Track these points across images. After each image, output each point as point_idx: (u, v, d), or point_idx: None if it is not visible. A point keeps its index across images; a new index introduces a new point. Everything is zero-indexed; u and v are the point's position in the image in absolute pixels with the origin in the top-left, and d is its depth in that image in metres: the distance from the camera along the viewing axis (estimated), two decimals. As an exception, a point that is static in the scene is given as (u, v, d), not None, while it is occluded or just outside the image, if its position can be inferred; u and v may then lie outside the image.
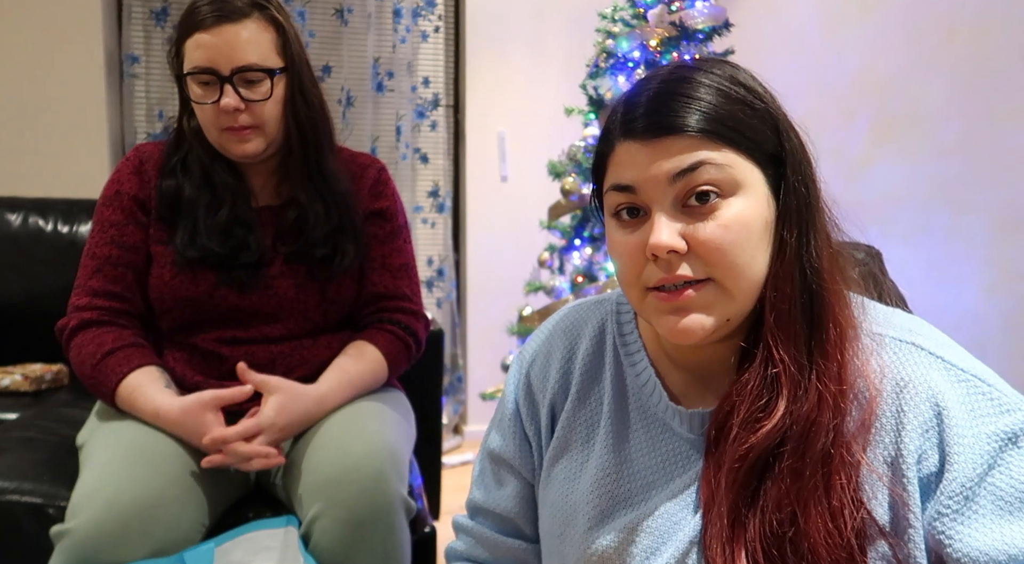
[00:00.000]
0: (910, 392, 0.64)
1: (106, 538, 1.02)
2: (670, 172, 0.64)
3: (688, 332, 0.65)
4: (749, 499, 0.65)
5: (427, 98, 3.18)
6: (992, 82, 1.95)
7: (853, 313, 0.67)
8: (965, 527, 0.60)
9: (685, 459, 0.73)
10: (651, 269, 0.66)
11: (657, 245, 0.63)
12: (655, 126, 0.64)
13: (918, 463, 0.62)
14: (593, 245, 2.40)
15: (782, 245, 0.66)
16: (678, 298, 0.65)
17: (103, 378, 1.19)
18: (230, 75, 1.18)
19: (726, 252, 0.64)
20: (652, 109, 0.65)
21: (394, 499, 1.11)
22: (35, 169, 2.72)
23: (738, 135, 0.65)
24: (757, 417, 0.65)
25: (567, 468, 0.78)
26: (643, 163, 0.65)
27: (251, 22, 1.19)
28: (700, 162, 0.63)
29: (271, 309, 1.27)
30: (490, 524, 0.86)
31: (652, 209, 0.65)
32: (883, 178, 2.25)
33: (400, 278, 1.36)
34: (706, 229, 0.64)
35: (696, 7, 2.19)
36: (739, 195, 0.64)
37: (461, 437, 3.22)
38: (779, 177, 0.67)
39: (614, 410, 0.77)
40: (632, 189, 0.66)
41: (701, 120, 0.64)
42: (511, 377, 0.86)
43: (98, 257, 1.26)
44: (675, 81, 0.66)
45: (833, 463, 0.62)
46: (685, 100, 0.64)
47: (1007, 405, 0.63)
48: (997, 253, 1.94)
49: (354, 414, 1.22)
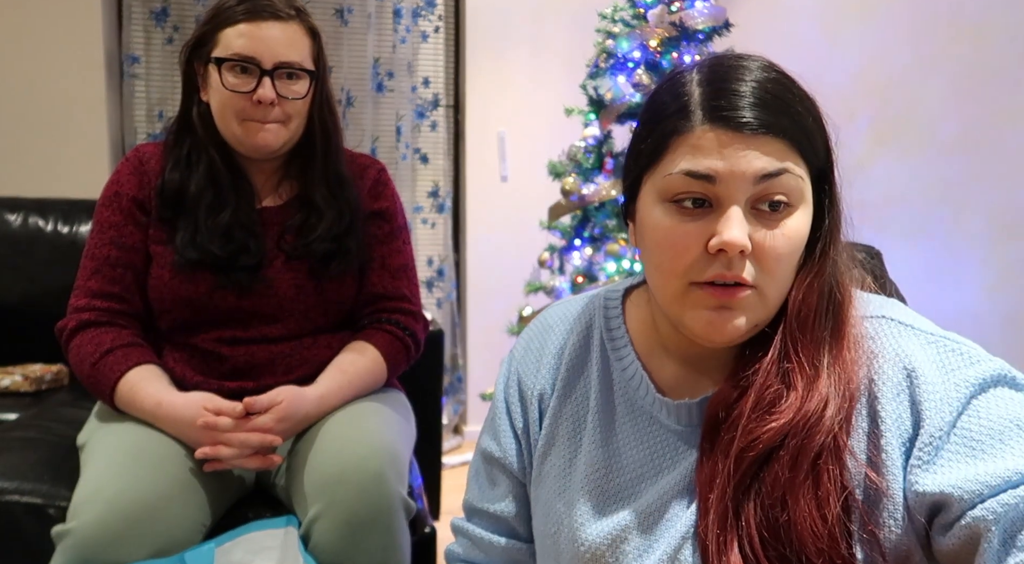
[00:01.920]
0: (879, 362, 0.65)
1: (107, 538, 1.02)
2: (758, 172, 0.62)
3: (725, 333, 0.65)
4: (748, 486, 0.65)
5: (427, 98, 3.18)
6: (992, 82, 1.95)
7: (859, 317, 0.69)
8: (939, 472, 0.60)
9: (673, 451, 0.73)
10: (706, 263, 0.64)
11: (732, 242, 0.62)
12: (758, 121, 0.62)
13: (898, 429, 0.63)
14: (593, 245, 2.40)
15: (822, 258, 0.67)
16: (730, 296, 0.64)
17: (102, 376, 1.19)
18: (272, 69, 1.19)
19: (782, 263, 0.64)
20: (757, 103, 0.63)
21: (394, 499, 1.11)
22: (35, 169, 2.71)
23: (812, 151, 0.65)
24: (767, 405, 0.65)
25: (556, 465, 0.78)
26: (733, 155, 0.62)
27: (295, 24, 1.22)
28: (785, 169, 0.63)
29: (271, 310, 1.27)
30: (485, 525, 0.86)
31: (726, 204, 0.63)
32: (883, 178, 2.25)
33: (399, 279, 1.36)
34: (774, 238, 0.63)
35: (696, 7, 2.19)
36: (801, 208, 0.65)
37: (461, 437, 3.22)
38: (820, 192, 0.68)
39: (600, 404, 0.77)
40: (711, 179, 0.63)
41: (796, 129, 0.64)
42: (500, 376, 0.86)
43: (97, 258, 1.26)
44: (775, 81, 0.65)
45: (824, 454, 0.63)
46: (786, 104, 0.64)
47: (975, 357, 0.64)
48: (997, 253, 1.94)
49: (354, 414, 1.22)
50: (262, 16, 1.19)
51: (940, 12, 2.11)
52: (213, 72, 1.21)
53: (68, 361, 1.25)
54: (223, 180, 1.26)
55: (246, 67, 1.20)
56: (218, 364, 1.26)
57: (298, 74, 1.23)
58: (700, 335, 0.66)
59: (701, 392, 0.72)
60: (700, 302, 0.65)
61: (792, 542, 0.62)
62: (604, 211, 2.37)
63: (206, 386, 1.24)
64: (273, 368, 1.26)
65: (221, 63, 1.20)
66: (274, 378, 1.26)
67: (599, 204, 2.33)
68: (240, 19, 1.19)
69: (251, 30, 1.19)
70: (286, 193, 1.33)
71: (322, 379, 1.24)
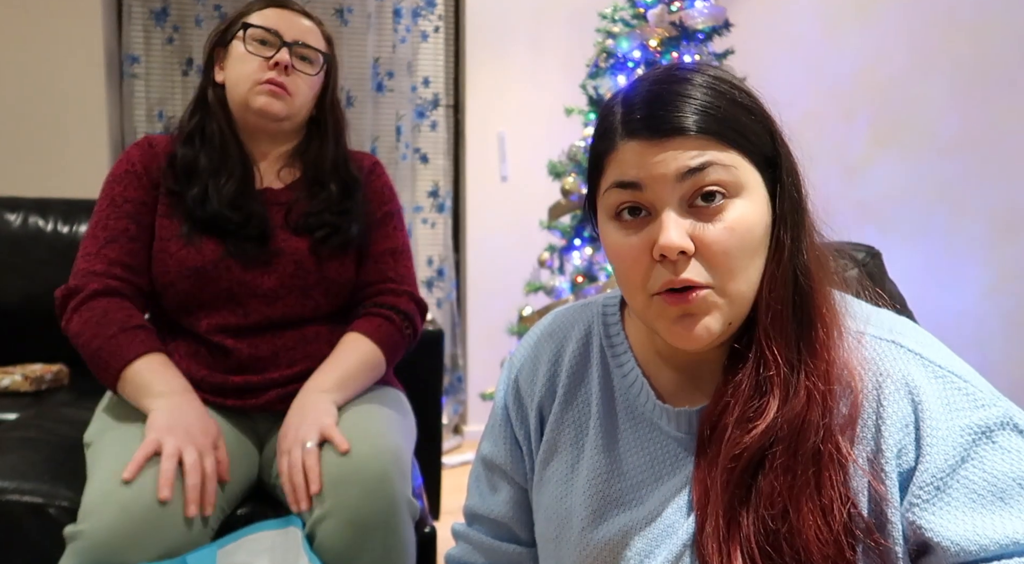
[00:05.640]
0: (889, 388, 0.65)
1: (119, 541, 1.02)
2: (679, 170, 0.63)
3: (696, 339, 0.65)
4: (743, 497, 0.65)
5: (427, 98, 3.18)
6: (992, 82, 1.95)
7: (838, 312, 0.68)
8: (938, 517, 0.60)
9: (674, 458, 0.73)
10: (657, 272, 0.65)
11: (668, 245, 0.62)
12: (663, 125, 0.64)
13: (897, 458, 0.63)
14: (593, 245, 2.40)
15: (779, 247, 0.67)
16: (686, 301, 0.64)
17: (121, 348, 1.17)
18: (292, 42, 1.31)
19: (731, 255, 0.63)
20: (658, 108, 0.64)
21: (398, 500, 1.11)
22: (35, 169, 2.72)
23: (741, 137, 0.65)
24: (750, 416, 0.65)
25: (558, 471, 0.79)
26: (649, 161, 0.64)
27: (314, 24, 1.38)
28: (709, 162, 0.63)
29: (272, 285, 1.28)
30: (486, 530, 0.86)
31: (658, 208, 0.64)
32: (883, 178, 2.25)
33: (382, 263, 1.39)
34: (714, 230, 0.63)
35: (696, 7, 2.19)
36: (742, 197, 0.65)
37: (461, 437, 3.22)
38: (773, 180, 0.67)
39: (602, 411, 0.77)
40: (637, 186, 0.65)
41: (708, 121, 0.64)
42: (500, 383, 0.86)
43: (113, 229, 1.25)
44: (675, 82, 0.66)
45: (823, 460, 0.63)
46: (690, 100, 0.64)
47: (982, 400, 0.63)
48: (997, 253, 1.94)
49: (357, 416, 1.22)
50: (289, 8, 1.35)
51: (939, 12, 2.11)
52: (237, 43, 1.31)
53: (66, 325, 1.21)
54: (232, 153, 1.32)
55: (267, 41, 1.31)
56: (223, 359, 1.27)
57: (313, 58, 1.34)
58: (674, 343, 0.67)
59: (700, 400, 0.73)
60: (662, 313, 0.66)
61: (798, 551, 0.62)
62: (604, 211, 2.37)
63: (211, 380, 1.25)
64: (276, 361, 1.27)
65: (247, 30, 1.30)
66: (278, 371, 1.27)
67: (599, 204, 2.33)
68: (267, 5, 1.34)
69: (277, 12, 1.33)
70: (289, 177, 1.38)
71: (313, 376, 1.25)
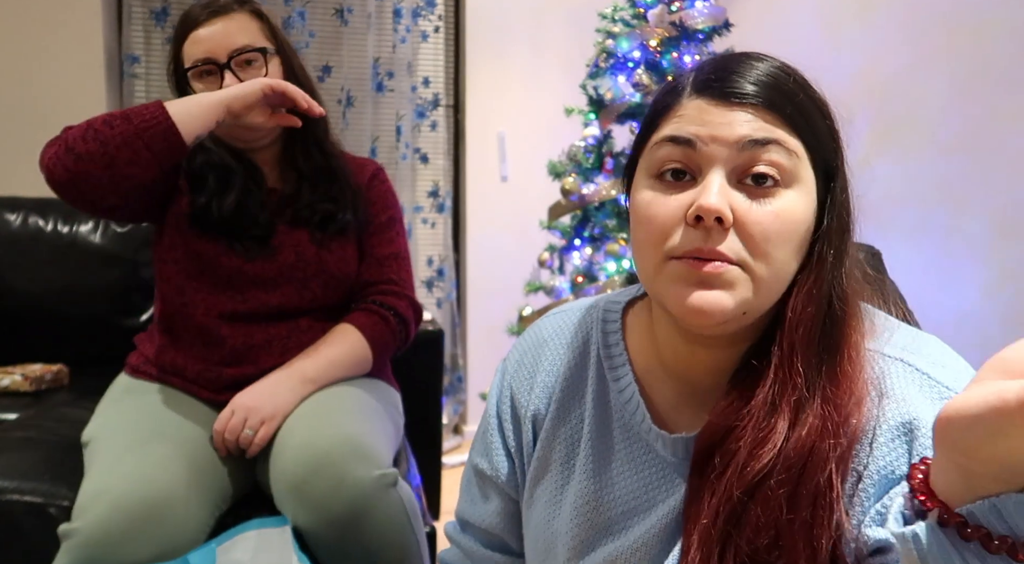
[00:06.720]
0: (886, 406, 0.61)
1: (113, 539, 1.02)
2: (741, 138, 0.59)
3: (704, 311, 0.59)
4: (735, 524, 0.61)
5: (427, 98, 3.18)
6: (992, 82, 1.95)
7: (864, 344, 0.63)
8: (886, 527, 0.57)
9: (668, 483, 0.69)
10: (685, 235, 0.60)
11: (708, 206, 0.58)
12: (736, 88, 0.60)
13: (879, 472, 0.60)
14: (593, 245, 2.40)
15: (818, 261, 0.62)
16: (706, 267, 0.59)
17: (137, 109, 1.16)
18: (227, 61, 1.26)
19: (771, 240, 0.59)
20: (735, 72, 0.61)
21: (365, 488, 1.09)
22: (35, 169, 2.70)
23: (809, 131, 0.61)
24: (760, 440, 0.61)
25: (548, 491, 0.76)
26: (714, 121, 0.60)
27: (238, 15, 1.30)
28: (773, 139, 0.59)
29: (272, 274, 1.30)
30: (478, 538, 0.84)
31: (705, 171, 0.60)
32: (883, 178, 2.25)
33: (385, 266, 1.40)
34: (759, 210, 0.59)
35: (696, 7, 2.19)
36: (794, 189, 0.61)
37: (461, 437, 3.22)
38: (826, 191, 0.63)
39: (595, 428, 0.74)
40: (691, 143, 0.60)
41: (783, 101, 0.60)
42: (493, 389, 0.82)
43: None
44: (757, 59, 0.63)
45: (822, 495, 0.59)
46: (768, 77, 0.61)
47: None
48: (997, 253, 1.94)
49: (319, 407, 1.22)
50: (209, 18, 1.28)
51: (940, 12, 2.11)
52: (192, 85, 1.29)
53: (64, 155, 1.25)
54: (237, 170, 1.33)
55: (208, 72, 1.27)
56: (218, 348, 1.28)
57: (253, 57, 1.29)
58: (681, 315, 0.61)
59: (699, 419, 0.68)
60: (678, 276, 0.60)
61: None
62: (604, 211, 2.37)
63: (207, 373, 1.25)
64: (269, 349, 1.29)
65: (187, 73, 1.28)
66: (272, 360, 1.28)
67: (599, 204, 2.33)
68: (191, 29, 1.29)
69: (201, 34, 1.27)
70: (289, 175, 1.39)
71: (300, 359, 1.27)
